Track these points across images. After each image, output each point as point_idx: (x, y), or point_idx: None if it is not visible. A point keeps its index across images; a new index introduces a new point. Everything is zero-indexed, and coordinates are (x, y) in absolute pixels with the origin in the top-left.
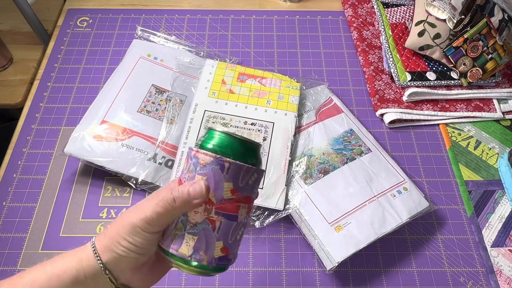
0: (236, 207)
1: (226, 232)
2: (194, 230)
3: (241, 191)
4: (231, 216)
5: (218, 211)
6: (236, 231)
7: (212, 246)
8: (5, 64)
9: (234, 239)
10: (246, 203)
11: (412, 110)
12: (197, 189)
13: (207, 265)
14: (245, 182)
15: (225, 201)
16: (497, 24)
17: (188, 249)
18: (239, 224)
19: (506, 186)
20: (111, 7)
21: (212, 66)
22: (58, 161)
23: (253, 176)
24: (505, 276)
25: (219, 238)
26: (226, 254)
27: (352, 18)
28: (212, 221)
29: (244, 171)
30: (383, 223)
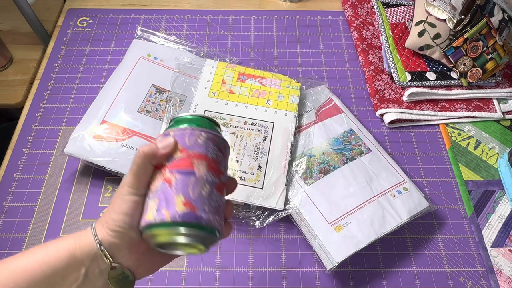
0: (190, 163)
1: (184, 186)
2: (155, 194)
3: (191, 149)
4: (186, 172)
5: (171, 170)
6: (197, 186)
7: (171, 200)
8: (5, 64)
9: (199, 195)
10: (201, 159)
11: (412, 110)
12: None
13: (172, 221)
14: (193, 141)
15: (176, 160)
16: (497, 24)
17: (153, 214)
18: (200, 179)
19: (506, 186)
20: (111, 7)
21: (212, 66)
22: (58, 161)
23: (201, 136)
24: (505, 276)
25: (177, 192)
26: (191, 209)
27: (352, 18)
28: (168, 180)
29: (189, 132)
30: (383, 223)
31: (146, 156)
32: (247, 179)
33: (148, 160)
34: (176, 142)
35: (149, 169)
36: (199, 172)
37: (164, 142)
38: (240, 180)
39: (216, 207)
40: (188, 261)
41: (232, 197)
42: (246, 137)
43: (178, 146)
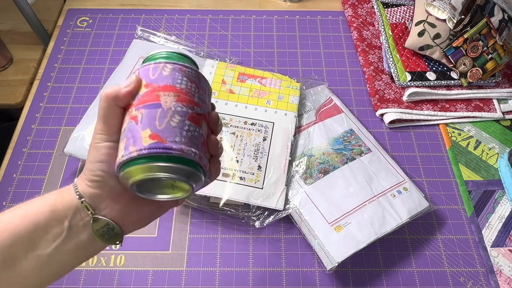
0: (155, 96)
1: (150, 119)
2: (124, 135)
3: (155, 82)
4: (151, 105)
5: (138, 107)
6: (165, 117)
7: (138, 136)
8: (5, 64)
9: (167, 126)
10: (168, 91)
11: (412, 110)
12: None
13: (138, 155)
14: (158, 74)
15: (141, 96)
16: (497, 24)
17: (122, 154)
18: (167, 110)
19: (506, 186)
20: (111, 7)
21: (212, 66)
22: (58, 161)
23: (166, 68)
24: (505, 276)
25: (144, 127)
26: (158, 140)
27: (352, 18)
28: (134, 117)
29: (153, 67)
30: (383, 223)
31: (109, 98)
32: (247, 179)
33: (112, 101)
34: (140, 78)
35: (116, 112)
36: (166, 103)
37: (126, 80)
38: (240, 180)
39: (191, 138)
40: (188, 261)
41: (232, 197)
42: (246, 137)
43: (143, 82)
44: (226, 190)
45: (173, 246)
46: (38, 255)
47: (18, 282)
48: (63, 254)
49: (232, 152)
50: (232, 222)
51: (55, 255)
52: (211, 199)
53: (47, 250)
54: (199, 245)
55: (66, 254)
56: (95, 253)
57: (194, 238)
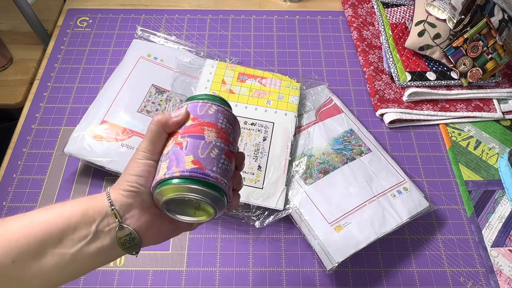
0: (200, 129)
1: (194, 148)
2: (167, 157)
3: (202, 118)
4: (196, 136)
5: (183, 135)
6: (206, 148)
7: (182, 160)
8: (5, 64)
9: (207, 156)
10: (211, 127)
11: (412, 110)
12: (176, 111)
13: (180, 175)
14: (204, 111)
15: (188, 127)
16: (497, 24)
17: (164, 172)
18: (209, 143)
19: (506, 186)
20: (111, 7)
21: (212, 66)
22: (58, 161)
23: (212, 108)
24: (505, 276)
25: (188, 153)
26: (199, 166)
27: (352, 18)
28: (180, 143)
29: (200, 104)
30: (383, 223)
31: (160, 123)
32: (247, 179)
33: (161, 127)
34: (188, 112)
35: (163, 136)
36: (209, 137)
37: (177, 111)
38: None
39: (224, 170)
40: (188, 261)
41: None
42: (246, 137)
43: (190, 115)
44: None
45: (173, 246)
46: (63, 253)
47: (39, 277)
48: (85, 256)
49: None
50: (232, 222)
51: (78, 256)
52: None
53: (72, 249)
54: (199, 245)
55: (87, 256)
56: (112, 260)
57: (194, 238)
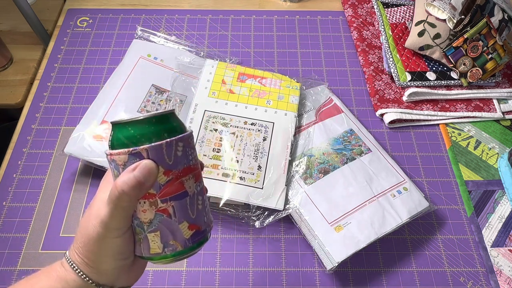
0: (179, 184)
1: (184, 211)
2: (152, 227)
3: (175, 167)
4: (179, 195)
5: (163, 199)
6: (194, 204)
7: (177, 231)
8: (5, 64)
9: (197, 211)
10: (188, 174)
11: (412, 110)
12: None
13: (184, 249)
14: (174, 157)
15: (164, 186)
16: (497, 24)
17: (158, 246)
18: (193, 196)
19: (506, 186)
20: (111, 7)
21: (212, 66)
22: (58, 161)
23: (179, 147)
24: (505, 276)
25: (180, 220)
26: (196, 229)
27: (352, 18)
28: (164, 210)
29: (166, 148)
30: (383, 223)
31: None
32: (247, 179)
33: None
34: (156, 166)
35: (132, 206)
36: (190, 189)
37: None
38: (240, 180)
39: (207, 207)
40: (188, 261)
41: (232, 197)
42: (246, 137)
43: (160, 168)
44: (226, 190)
45: None
46: None
47: None
48: None
49: (232, 152)
50: (232, 222)
51: None
52: (211, 199)
53: None
54: None
55: None
56: None
57: None
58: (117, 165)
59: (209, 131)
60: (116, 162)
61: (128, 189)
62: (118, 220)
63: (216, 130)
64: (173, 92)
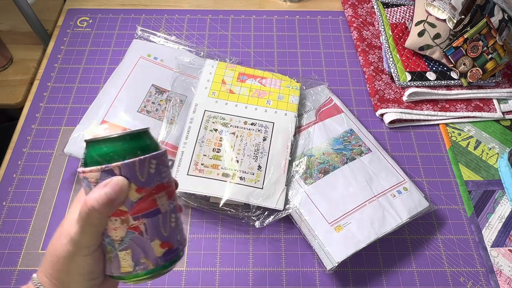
0: (152, 202)
1: (156, 229)
2: (124, 245)
3: (147, 184)
4: (151, 213)
5: (135, 216)
6: (166, 221)
7: (149, 249)
8: (5, 64)
9: (170, 229)
10: (161, 191)
11: (412, 110)
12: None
13: (155, 267)
14: (147, 174)
15: (136, 203)
16: (497, 24)
17: (129, 265)
18: (166, 213)
19: (506, 186)
20: (111, 7)
21: (212, 66)
22: (58, 161)
23: (152, 164)
24: (505, 276)
25: (152, 238)
26: (169, 248)
27: (352, 18)
28: (136, 228)
29: (138, 165)
30: (383, 223)
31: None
32: (247, 179)
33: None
34: (127, 183)
35: (102, 224)
36: (163, 206)
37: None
38: (240, 180)
39: (182, 226)
40: (188, 261)
41: (232, 197)
42: (246, 137)
43: (132, 186)
44: (226, 190)
45: None
46: None
47: None
48: None
49: (232, 152)
50: (232, 222)
51: None
52: (211, 199)
53: None
54: (199, 245)
55: None
56: None
57: (194, 238)
58: (89, 183)
59: (209, 131)
60: (88, 179)
61: (98, 205)
62: (88, 238)
63: (216, 130)
64: (173, 92)
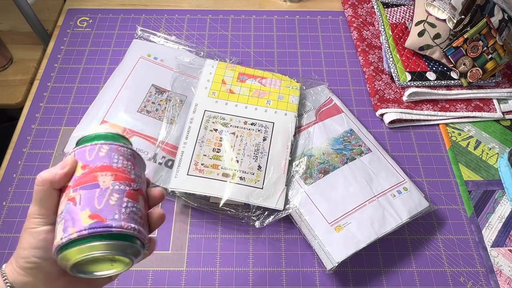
0: (93, 177)
1: (89, 200)
2: (61, 217)
3: (93, 163)
4: (89, 186)
5: (75, 188)
6: (103, 196)
7: (77, 217)
8: (5, 64)
9: (106, 204)
10: (105, 171)
11: (412, 110)
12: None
13: (78, 236)
14: (94, 155)
15: (79, 178)
16: (497, 24)
17: (60, 236)
18: (106, 190)
19: (506, 186)
20: (111, 7)
21: (212, 66)
22: (58, 161)
23: (102, 149)
24: (505, 276)
25: (83, 208)
26: (98, 219)
27: (352, 18)
28: (73, 199)
29: (89, 148)
30: (383, 223)
31: (46, 181)
32: (247, 179)
33: (49, 184)
34: (76, 160)
35: (53, 195)
36: (105, 183)
37: (62, 162)
38: (240, 180)
39: (130, 213)
40: (188, 261)
41: (232, 197)
42: (246, 137)
43: (79, 163)
44: (226, 190)
45: (173, 246)
46: None
47: None
48: None
49: (232, 152)
50: (232, 222)
51: None
52: (211, 199)
53: None
54: (199, 245)
55: None
56: None
57: (194, 238)
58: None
59: (209, 131)
60: None
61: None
62: (38, 207)
63: (216, 130)
64: (173, 92)
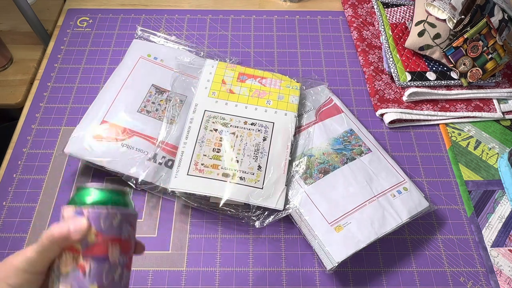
0: (105, 248)
1: (98, 274)
2: (66, 280)
3: (106, 233)
4: (100, 258)
5: (85, 256)
6: (111, 272)
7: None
8: (5, 64)
9: (111, 281)
10: (115, 242)
11: (412, 110)
12: (77, 225)
13: None
14: (108, 224)
15: (90, 245)
16: (497, 24)
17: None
18: (113, 264)
19: (506, 186)
20: (111, 7)
21: (212, 66)
22: (58, 161)
23: (116, 218)
24: (505, 276)
25: (92, 281)
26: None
27: (352, 18)
28: (82, 266)
29: (104, 214)
30: (383, 223)
31: (56, 240)
32: (247, 179)
33: (57, 243)
34: (90, 225)
35: (56, 250)
36: (113, 256)
37: (77, 225)
38: (240, 180)
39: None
40: (188, 261)
41: (232, 197)
42: (246, 137)
43: (92, 229)
44: (226, 190)
45: (173, 246)
46: None
47: None
48: None
49: (232, 152)
50: (232, 222)
51: None
52: (211, 199)
53: None
54: (199, 245)
55: None
56: None
57: (194, 238)
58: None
59: (209, 131)
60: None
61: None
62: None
63: (216, 130)
64: (173, 92)
